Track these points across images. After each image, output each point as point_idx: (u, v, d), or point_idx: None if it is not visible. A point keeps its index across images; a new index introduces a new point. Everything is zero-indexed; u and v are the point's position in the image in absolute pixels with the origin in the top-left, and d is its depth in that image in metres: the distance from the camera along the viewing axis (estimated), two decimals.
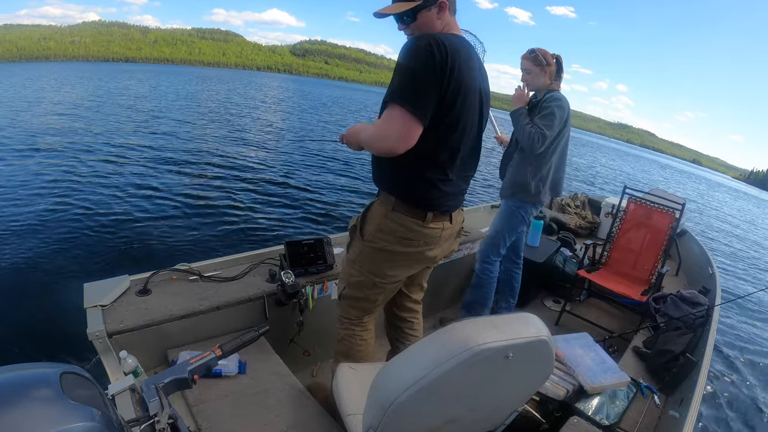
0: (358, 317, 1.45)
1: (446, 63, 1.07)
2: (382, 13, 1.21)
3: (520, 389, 1.03)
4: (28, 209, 4.32)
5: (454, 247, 1.41)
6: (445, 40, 1.08)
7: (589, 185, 13.64)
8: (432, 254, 1.31)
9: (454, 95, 1.11)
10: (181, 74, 60.32)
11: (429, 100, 1.08)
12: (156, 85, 28.80)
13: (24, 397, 0.49)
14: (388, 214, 1.24)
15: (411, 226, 1.23)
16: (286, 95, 35.27)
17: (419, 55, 1.07)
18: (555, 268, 2.89)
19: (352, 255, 1.38)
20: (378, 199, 1.30)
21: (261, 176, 6.84)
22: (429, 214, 1.23)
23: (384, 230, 1.25)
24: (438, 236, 1.28)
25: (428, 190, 1.21)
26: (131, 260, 3.56)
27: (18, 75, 30.42)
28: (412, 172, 1.20)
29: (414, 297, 1.58)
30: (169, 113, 13.24)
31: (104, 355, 1.28)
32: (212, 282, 1.68)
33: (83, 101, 14.28)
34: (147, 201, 5.00)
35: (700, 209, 15.95)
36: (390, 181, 1.26)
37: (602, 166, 23.57)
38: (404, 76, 1.09)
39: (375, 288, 1.36)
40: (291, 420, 1.30)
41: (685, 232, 3.68)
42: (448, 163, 1.21)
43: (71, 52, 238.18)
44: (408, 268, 1.35)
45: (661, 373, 1.76)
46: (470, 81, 1.15)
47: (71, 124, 9.40)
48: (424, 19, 1.17)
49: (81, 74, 35.86)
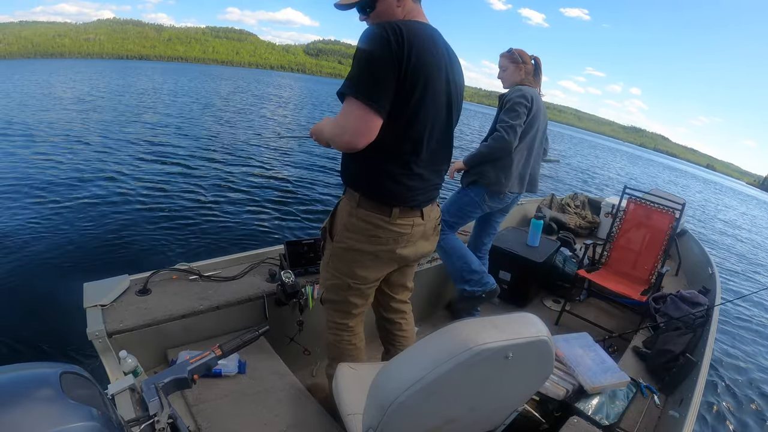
0: (342, 321, 1.41)
1: (402, 50, 1.01)
2: (342, 4, 1.15)
3: (520, 389, 1.03)
4: (27, 209, 4.32)
5: (431, 246, 1.36)
6: (402, 26, 1.03)
7: (592, 186, 13.63)
8: (404, 253, 1.25)
9: (413, 84, 1.05)
10: (192, 72, 59.99)
11: (386, 91, 1.03)
12: (163, 82, 28.84)
13: (24, 397, 0.49)
14: (353, 211, 1.19)
15: (377, 222, 1.18)
16: (293, 94, 35.14)
17: (374, 42, 1.02)
18: (555, 267, 2.89)
19: (325, 257, 1.34)
20: (344, 197, 1.26)
21: (261, 176, 6.83)
22: (395, 210, 1.17)
23: (351, 229, 1.21)
24: (408, 233, 1.22)
25: (392, 185, 1.15)
26: (131, 260, 3.55)
27: (30, 72, 30.37)
28: (374, 166, 1.14)
29: (399, 298, 1.53)
30: (170, 112, 13.23)
31: (104, 355, 1.28)
32: (212, 282, 1.68)
33: (85, 98, 14.27)
34: (147, 200, 5.00)
35: (710, 214, 15.82)
36: (353, 177, 1.21)
37: (602, 168, 23.41)
38: (360, 66, 1.04)
39: (350, 290, 1.31)
40: (291, 420, 1.30)
41: (685, 232, 3.68)
42: (413, 155, 1.15)
43: (86, 49, 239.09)
44: (380, 268, 1.30)
45: (661, 373, 1.76)
46: (433, 69, 1.09)
47: (71, 123, 9.38)
48: (383, 7, 1.12)
49: (91, 71, 35.68)
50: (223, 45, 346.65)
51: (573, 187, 11.56)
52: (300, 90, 42.35)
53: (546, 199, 4.16)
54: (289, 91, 37.33)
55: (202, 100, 18.32)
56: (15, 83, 18.70)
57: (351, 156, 1.16)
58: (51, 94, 14.87)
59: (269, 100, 24.69)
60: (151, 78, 33.24)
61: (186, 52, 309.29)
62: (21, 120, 9.22)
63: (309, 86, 58.33)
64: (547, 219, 3.52)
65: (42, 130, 8.31)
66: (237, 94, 25.37)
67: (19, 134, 7.77)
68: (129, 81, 26.95)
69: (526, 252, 2.68)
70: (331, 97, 31.24)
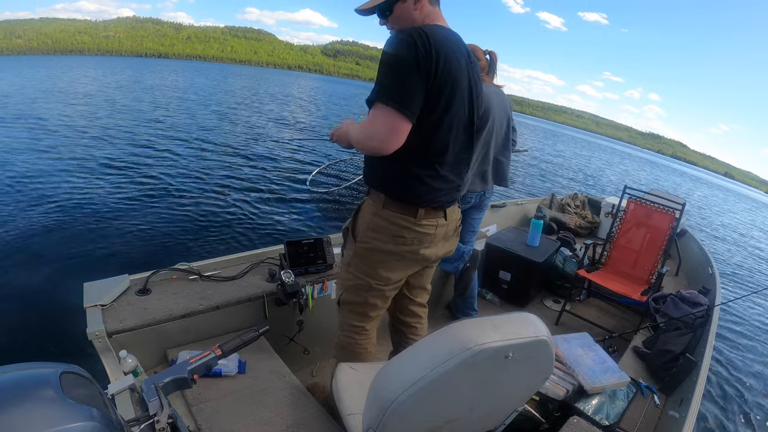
0: (359, 323, 1.41)
1: (430, 55, 1.03)
2: (363, 9, 1.17)
3: (520, 389, 1.03)
4: (27, 208, 4.32)
5: (451, 247, 1.37)
6: (428, 31, 1.05)
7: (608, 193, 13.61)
8: (428, 253, 1.27)
9: (441, 88, 1.07)
10: (210, 71, 59.53)
11: (415, 96, 1.05)
12: (174, 80, 28.80)
13: (24, 397, 0.49)
14: (379, 212, 1.21)
15: (403, 223, 1.20)
16: (303, 93, 35.01)
17: (402, 48, 1.03)
18: (555, 267, 2.89)
19: (346, 258, 1.35)
20: (368, 198, 1.27)
21: (262, 175, 6.83)
22: (420, 211, 1.19)
23: (375, 229, 1.22)
24: (432, 234, 1.24)
25: (418, 186, 1.17)
26: (131, 260, 3.55)
27: (47, 67, 30.25)
28: (401, 168, 1.16)
29: (418, 300, 1.53)
30: (170, 112, 13.23)
31: (104, 355, 1.28)
32: (212, 281, 1.68)
33: (89, 97, 14.26)
34: (147, 200, 5.00)
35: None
36: (379, 179, 1.22)
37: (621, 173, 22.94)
38: (388, 72, 1.05)
39: (372, 291, 1.31)
40: (291, 420, 1.30)
41: (685, 232, 3.68)
42: (439, 158, 1.17)
43: (105, 47, 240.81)
44: (404, 269, 1.31)
45: (661, 373, 1.76)
46: (457, 73, 1.11)
47: (71, 122, 9.38)
48: (400, 11, 1.14)
49: (103, 68, 35.54)
50: (241, 44, 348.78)
51: (573, 187, 11.55)
52: (312, 90, 42.06)
53: (546, 199, 4.16)
54: (298, 90, 37.19)
55: (203, 100, 18.31)
56: (18, 79, 18.68)
57: (376, 158, 1.16)
58: (53, 90, 14.86)
59: (284, 97, 24.56)
60: (161, 75, 33.15)
61: (204, 51, 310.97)
62: (24, 117, 9.21)
63: (324, 86, 57.99)
64: (547, 219, 3.52)
65: (43, 129, 8.30)
66: (246, 92, 25.25)
67: (19, 134, 7.77)
68: (142, 78, 26.92)
69: (526, 252, 2.68)
70: (347, 98, 31.14)
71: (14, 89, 14.97)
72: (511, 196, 5.22)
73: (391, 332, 1.64)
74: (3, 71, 24.53)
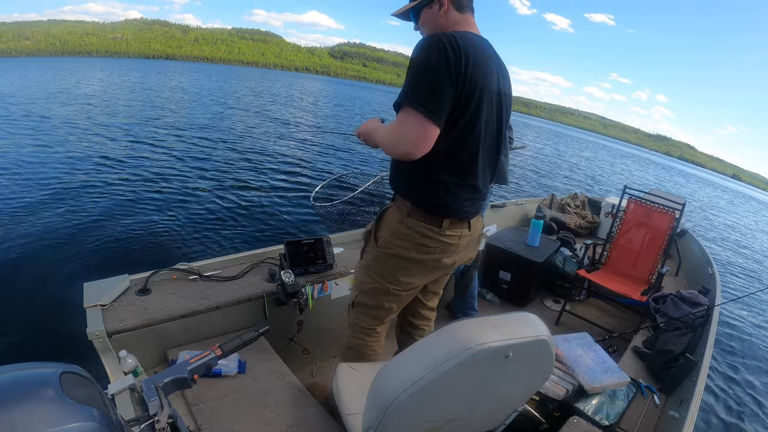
0: (372, 326, 1.41)
1: (460, 61, 1.02)
2: (398, 13, 1.22)
3: (520, 389, 1.03)
4: (27, 208, 4.32)
5: (472, 254, 1.36)
6: (458, 37, 1.04)
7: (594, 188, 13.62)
8: (449, 261, 1.26)
9: (470, 94, 1.06)
10: (217, 72, 59.45)
11: (444, 101, 1.03)
12: (179, 81, 28.77)
13: (24, 397, 0.49)
14: (404, 219, 1.20)
15: (427, 233, 1.19)
16: (308, 94, 34.97)
17: (431, 52, 1.03)
18: (555, 267, 2.90)
19: (365, 261, 1.34)
20: (394, 204, 1.26)
21: (262, 175, 6.83)
22: (445, 221, 1.18)
23: (399, 236, 1.22)
24: (455, 243, 1.23)
25: (444, 195, 1.16)
26: (131, 260, 3.55)
27: (54, 68, 30.22)
28: (429, 176, 1.14)
29: (429, 304, 1.54)
30: (174, 111, 13.22)
31: (104, 355, 1.28)
32: (212, 281, 1.68)
33: (89, 97, 14.26)
34: (147, 200, 5.00)
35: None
36: (406, 186, 1.21)
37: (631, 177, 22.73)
38: (417, 75, 1.05)
39: (389, 295, 1.31)
40: (291, 420, 1.29)
41: (685, 232, 3.68)
42: (467, 166, 1.15)
43: (113, 48, 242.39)
44: (424, 276, 1.30)
45: (660, 373, 1.76)
46: (487, 80, 1.09)
47: (74, 122, 9.38)
48: (426, 17, 1.16)
49: (110, 70, 35.48)
50: (248, 46, 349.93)
51: (573, 187, 11.56)
52: (316, 92, 41.91)
53: (546, 199, 4.16)
54: (301, 91, 37.14)
55: (206, 100, 18.30)
56: (13, 82, 18.68)
57: (404, 164, 1.15)
58: (55, 92, 14.87)
59: (286, 98, 24.51)
60: (166, 76, 33.13)
61: (211, 52, 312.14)
62: (29, 116, 9.21)
63: (329, 88, 57.79)
64: (547, 219, 3.52)
65: (46, 129, 8.30)
66: (250, 95, 25.23)
67: (19, 133, 7.77)
68: (148, 80, 26.92)
69: (526, 252, 2.68)
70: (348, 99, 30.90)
71: (19, 89, 14.99)
72: (511, 197, 5.21)
73: (397, 332, 1.64)
74: (11, 72, 24.58)
